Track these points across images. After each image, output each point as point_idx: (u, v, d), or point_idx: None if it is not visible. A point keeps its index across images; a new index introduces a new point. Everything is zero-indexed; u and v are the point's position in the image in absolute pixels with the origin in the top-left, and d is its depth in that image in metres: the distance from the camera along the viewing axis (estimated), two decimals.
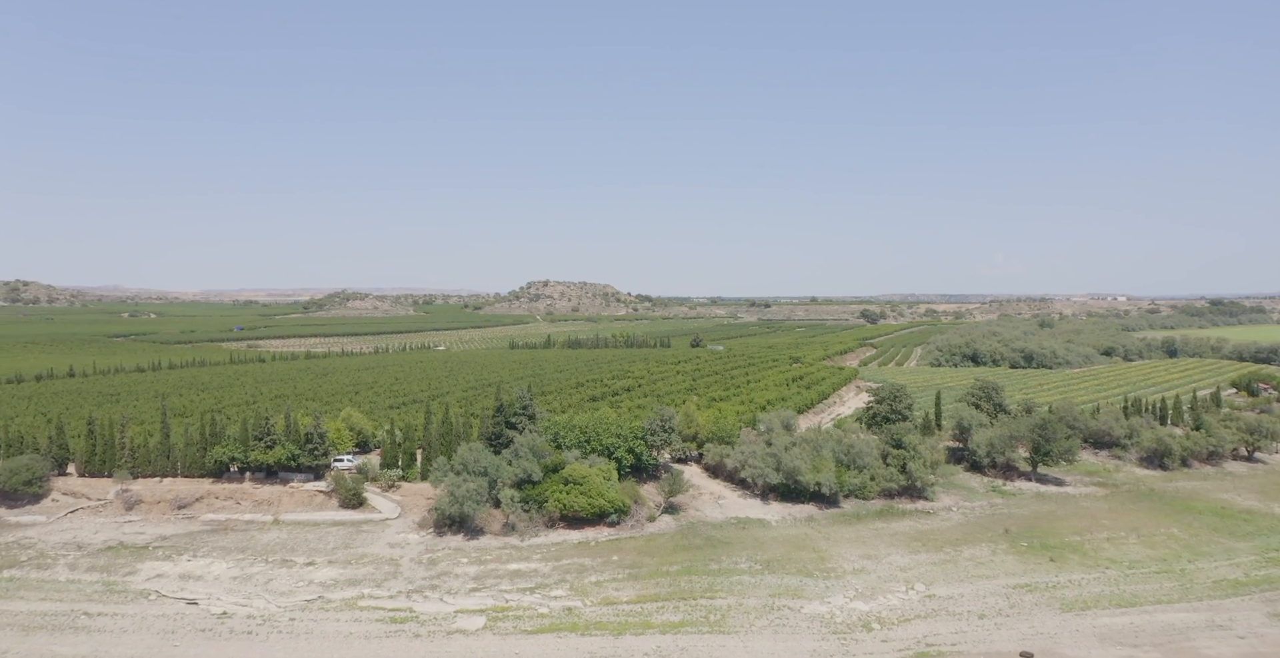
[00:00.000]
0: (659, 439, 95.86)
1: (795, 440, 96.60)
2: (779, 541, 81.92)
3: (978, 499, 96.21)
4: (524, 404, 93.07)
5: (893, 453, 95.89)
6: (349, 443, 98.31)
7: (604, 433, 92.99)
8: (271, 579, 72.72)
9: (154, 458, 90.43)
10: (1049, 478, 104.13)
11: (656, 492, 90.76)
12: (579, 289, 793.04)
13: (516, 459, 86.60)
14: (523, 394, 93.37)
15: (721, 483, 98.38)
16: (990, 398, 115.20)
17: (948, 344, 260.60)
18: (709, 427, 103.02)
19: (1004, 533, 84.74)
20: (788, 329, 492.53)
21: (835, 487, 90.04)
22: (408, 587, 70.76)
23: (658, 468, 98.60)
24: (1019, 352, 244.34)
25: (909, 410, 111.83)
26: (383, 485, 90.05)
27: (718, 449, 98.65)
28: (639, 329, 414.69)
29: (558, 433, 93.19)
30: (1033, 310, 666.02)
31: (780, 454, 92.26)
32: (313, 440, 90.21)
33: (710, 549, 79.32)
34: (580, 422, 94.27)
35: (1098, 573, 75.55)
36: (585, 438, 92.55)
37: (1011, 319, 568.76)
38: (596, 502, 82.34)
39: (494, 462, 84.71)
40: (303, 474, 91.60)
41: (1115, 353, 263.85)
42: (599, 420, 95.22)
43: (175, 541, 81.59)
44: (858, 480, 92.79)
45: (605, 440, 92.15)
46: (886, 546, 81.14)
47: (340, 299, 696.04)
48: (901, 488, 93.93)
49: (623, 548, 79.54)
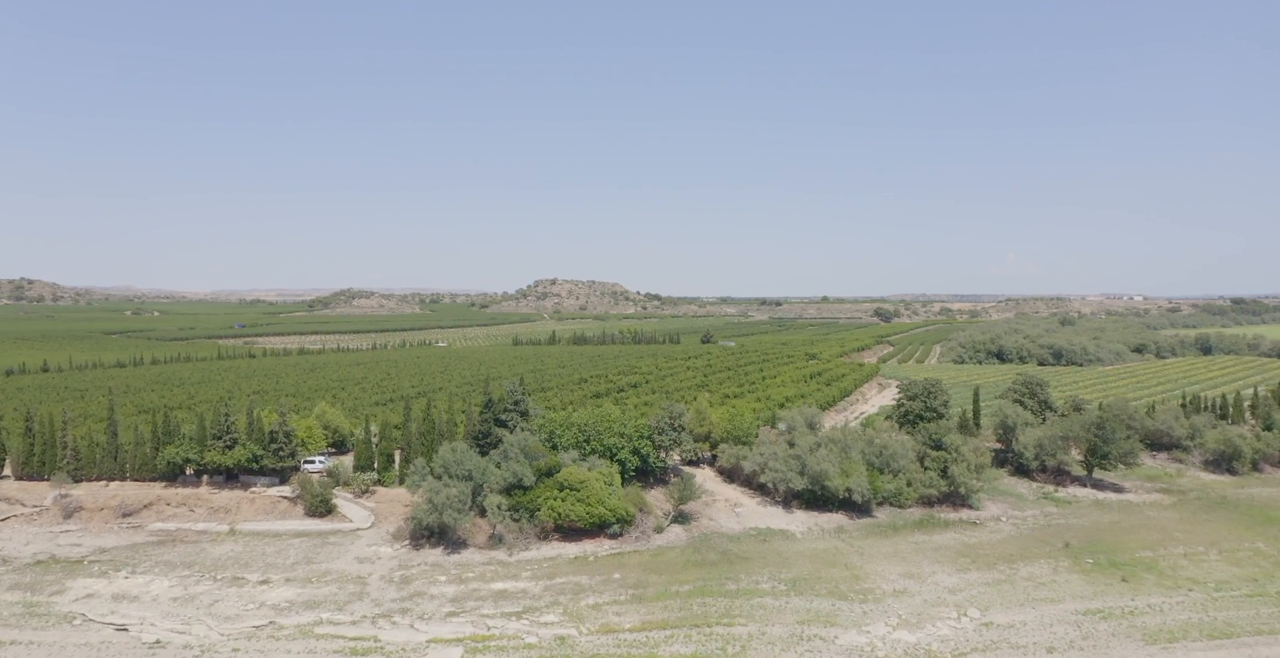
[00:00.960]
0: (667, 439, 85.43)
1: (821, 441, 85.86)
2: (806, 555, 71.26)
3: (1028, 508, 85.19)
4: (515, 399, 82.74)
5: (931, 455, 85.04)
6: (322, 443, 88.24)
7: (606, 432, 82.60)
8: (218, 601, 62.60)
9: (100, 459, 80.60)
10: (1106, 484, 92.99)
11: (665, 498, 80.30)
12: (587, 288, 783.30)
13: (505, 461, 76.35)
14: (514, 388, 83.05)
15: (738, 488, 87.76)
16: (1034, 394, 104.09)
17: (971, 341, 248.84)
18: (723, 425, 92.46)
19: (1064, 547, 73.79)
20: (800, 328, 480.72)
21: (868, 493, 79.30)
22: (374, 611, 60.51)
23: (666, 472, 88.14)
24: (1047, 348, 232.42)
25: (945, 408, 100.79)
26: (355, 491, 79.91)
27: (733, 451, 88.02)
28: (647, 327, 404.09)
29: (553, 432, 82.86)
30: (1050, 309, 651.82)
31: (805, 456, 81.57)
32: (277, 440, 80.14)
33: (727, 566, 68.77)
34: (579, 419, 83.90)
35: (1180, 596, 64.50)
36: (584, 437, 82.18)
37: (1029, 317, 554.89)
38: (596, 510, 71.95)
39: (479, 464, 74.48)
40: (267, 478, 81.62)
41: (1147, 350, 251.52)
42: (600, 418, 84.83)
43: (116, 554, 71.63)
44: (893, 486, 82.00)
45: (607, 440, 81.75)
46: (930, 562, 70.32)
47: (346, 297, 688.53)
48: (942, 495, 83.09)
49: (626, 564, 69.08)
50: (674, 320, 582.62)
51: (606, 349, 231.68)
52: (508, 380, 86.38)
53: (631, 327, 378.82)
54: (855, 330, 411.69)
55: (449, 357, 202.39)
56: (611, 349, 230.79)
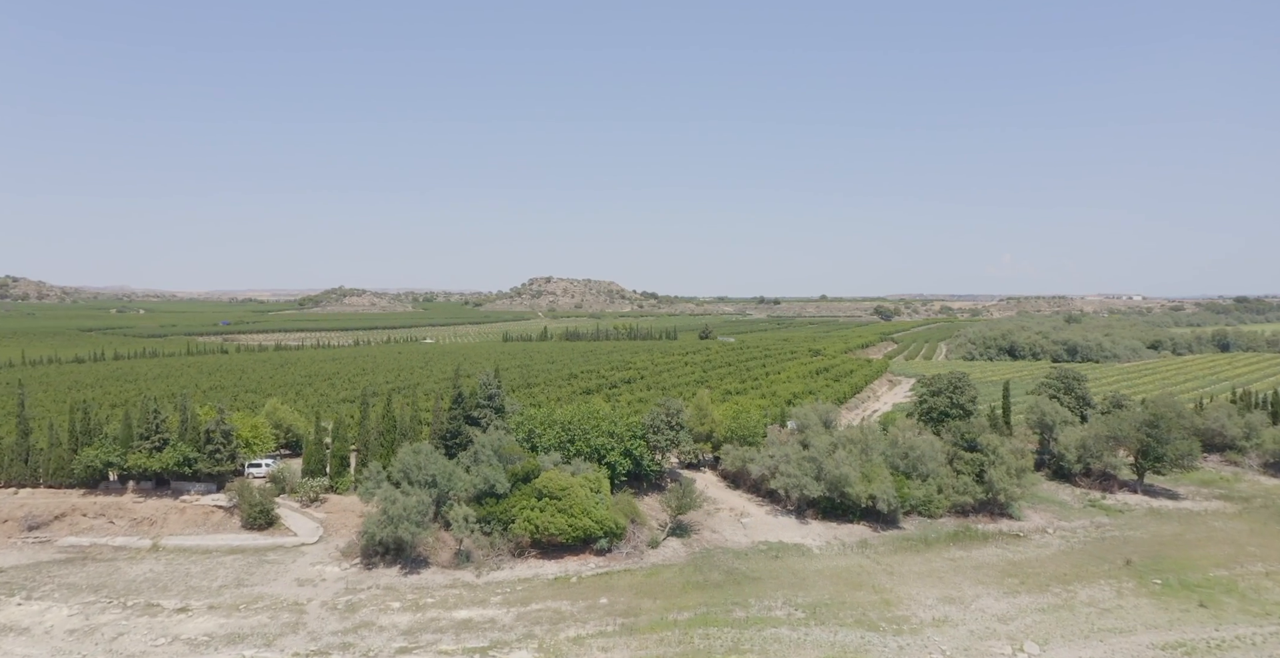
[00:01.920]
0: (663, 439, 75.01)
1: (839, 440, 75.39)
2: (826, 575, 60.80)
3: (1075, 517, 74.84)
4: (489, 393, 72.16)
5: (964, 458, 74.66)
6: (271, 444, 77.63)
7: (593, 431, 72.13)
8: (122, 634, 51.97)
9: (8, 463, 69.85)
10: (1158, 490, 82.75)
11: (660, 507, 69.83)
12: (583, 286, 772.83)
13: (475, 465, 65.88)
14: (488, 380, 72.48)
15: (744, 495, 77.33)
16: (1071, 390, 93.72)
17: (981, 337, 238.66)
18: (726, 424, 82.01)
19: (1125, 565, 63.43)
20: (799, 326, 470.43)
21: (895, 501, 68.88)
22: (309, 646, 49.96)
23: (662, 476, 77.69)
24: (1061, 344, 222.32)
25: (973, 404, 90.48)
26: (303, 499, 69.28)
27: (739, 452, 77.52)
28: (643, 324, 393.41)
29: (532, 430, 72.36)
30: (1052, 307, 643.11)
31: (821, 459, 71.14)
32: (214, 440, 69.49)
33: (733, 588, 58.32)
34: (563, 416, 73.37)
35: (1273, 625, 54.25)
36: (568, 437, 71.68)
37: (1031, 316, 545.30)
38: (580, 522, 61.46)
39: (445, 468, 63.95)
40: (204, 484, 71.01)
41: (1163, 346, 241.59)
42: (587, 415, 74.35)
43: (13, 575, 60.88)
44: (922, 493, 71.61)
45: (594, 440, 71.26)
46: (972, 583, 59.90)
47: (337, 296, 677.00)
48: (978, 503, 72.73)
49: (615, 586, 58.56)
50: (671, 319, 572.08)
51: (600, 345, 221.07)
52: (482, 373, 75.87)
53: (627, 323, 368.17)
54: (857, 328, 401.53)
55: (431, 353, 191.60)
56: (605, 345, 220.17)
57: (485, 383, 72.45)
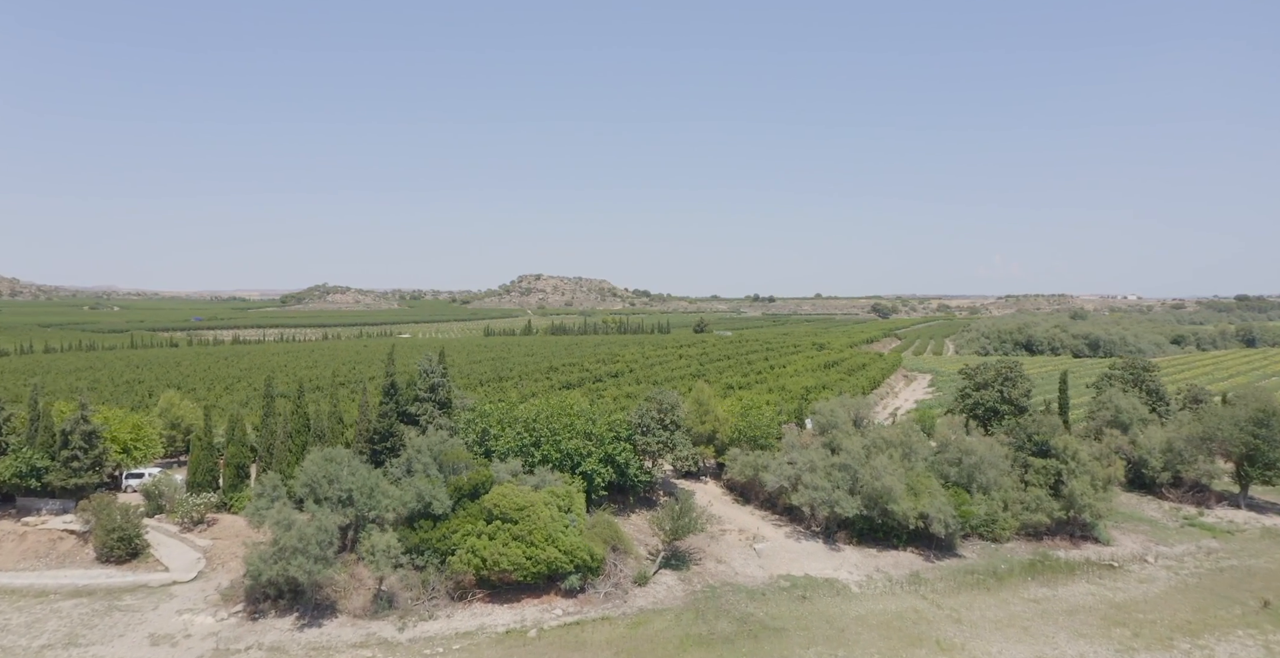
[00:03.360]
0: (655, 441, 59.41)
1: (875, 443, 59.89)
2: (872, 624, 45.28)
3: (1175, 541, 59.46)
4: (432, 383, 56.27)
5: (1035, 466, 59.28)
6: (159, 448, 61.64)
7: (564, 431, 56.46)
8: None
9: None
10: (1264, 504, 67.56)
11: (651, 529, 54.24)
12: (573, 284, 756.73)
13: (408, 477, 50.18)
14: (429, 366, 56.60)
15: (756, 512, 61.74)
16: (1141, 382, 78.49)
17: (995, 331, 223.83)
18: (733, 423, 66.45)
19: (1263, 607, 48.16)
20: (795, 323, 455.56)
21: (953, 522, 53.42)
22: None
23: (652, 488, 62.06)
24: (1081, 338, 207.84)
25: (1026, 399, 75.37)
26: (184, 521, 53.28)
27: (749, 458, 61.86)
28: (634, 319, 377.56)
29: (486, 431, 56.63)
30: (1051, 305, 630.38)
31: (856, 467, 55.64)
32: (71, 443, 53.47)
33: (749, 643, 42.81)
34: (526, 413, 57.58)
35: None
36: (532, 440, 55.95)
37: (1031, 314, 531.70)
38: (543, 553, 45.81)
39: (366, 481, 48.17)
40: (62, 501, 54.96)
41: (1186, 342, 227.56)
42: (558, 410, 58.62)
43: None
44: (985, 511, 56.18)
45: (566, 444, 55.55)
46: (1069, 635, 44.46)
47: (320, 293, 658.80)
48: (1055, 522, 57.36)
49: (588, 642, 42.94)
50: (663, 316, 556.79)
51: (586, 339, 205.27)
52: (424, 356, 59.91)
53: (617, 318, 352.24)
54: (856, 325, 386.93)
55: (401, 346, 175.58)
56: (592, 339, 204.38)
57: (426, 369, 56.55)
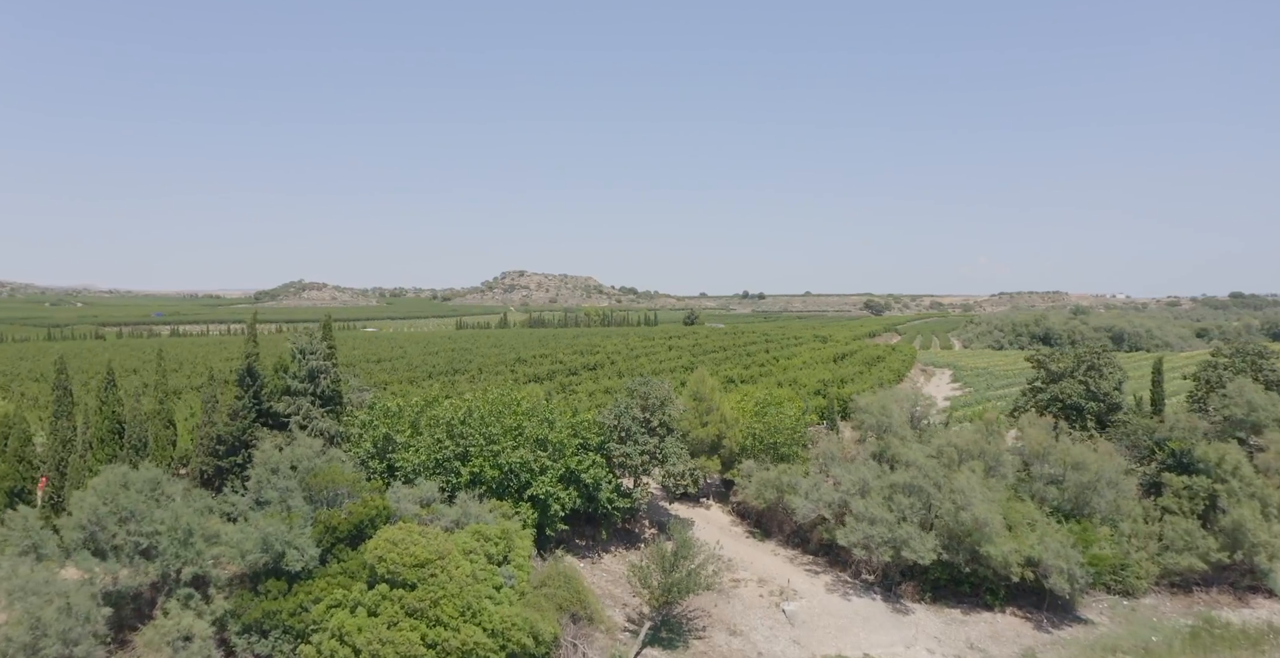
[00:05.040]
0: (638, 452, 41.67)
1: (943, 452, 42.46)
2: None
3: None
4: (310, 370, 38.33)
5: (1173, 485, 42.17)
6: None
7: (507, 437, 38.67)
8: None
9: None
10: None
11: (633, 584, 36.44)
12: (558, 281, 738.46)
13: (256, 511, 32.42)
14: (307, 346, 38.67)
15: (780, 550, 44.13)
16: (1260, 370, 61.76)
17: (1010, 323, 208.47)
18: (745, 424, 48.85)
19: None
20: (787, 320, 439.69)
21: (1080, 572, 36.08)
22: None
23: (634, 517, 44.35)
24: (1104, 331, 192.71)
25: (1119, 393, 58.53)
26: None
27: (769, 476, 44.16)
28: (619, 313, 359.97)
29: (388, 438, 38.69)
30: (1046, 303, 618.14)
31: (930, 488, 38.26)
32: None
33: None
34: (448, 412, 39.54)
35: None
36: (458, 451, 38.03)
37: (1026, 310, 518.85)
38: (455, 640, 28.13)
39: (179, 520, 30.27)
40: None
41: (1211, 336, 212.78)
42: (499, 408, 40.71)
43: None
44: (1112, 556, 38.88)
45: (509, 456, 37.69)
46: None
47: (295, 289, 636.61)
48: (1212, 567, 40.16)
49: None
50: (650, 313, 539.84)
51: (566, 331, 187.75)
52: (302, 330, 42.07)
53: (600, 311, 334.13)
54: (849, 322, 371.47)
55: (355, 340, 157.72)
56: (572, 331, 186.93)
57: (302, 349, 38.62)
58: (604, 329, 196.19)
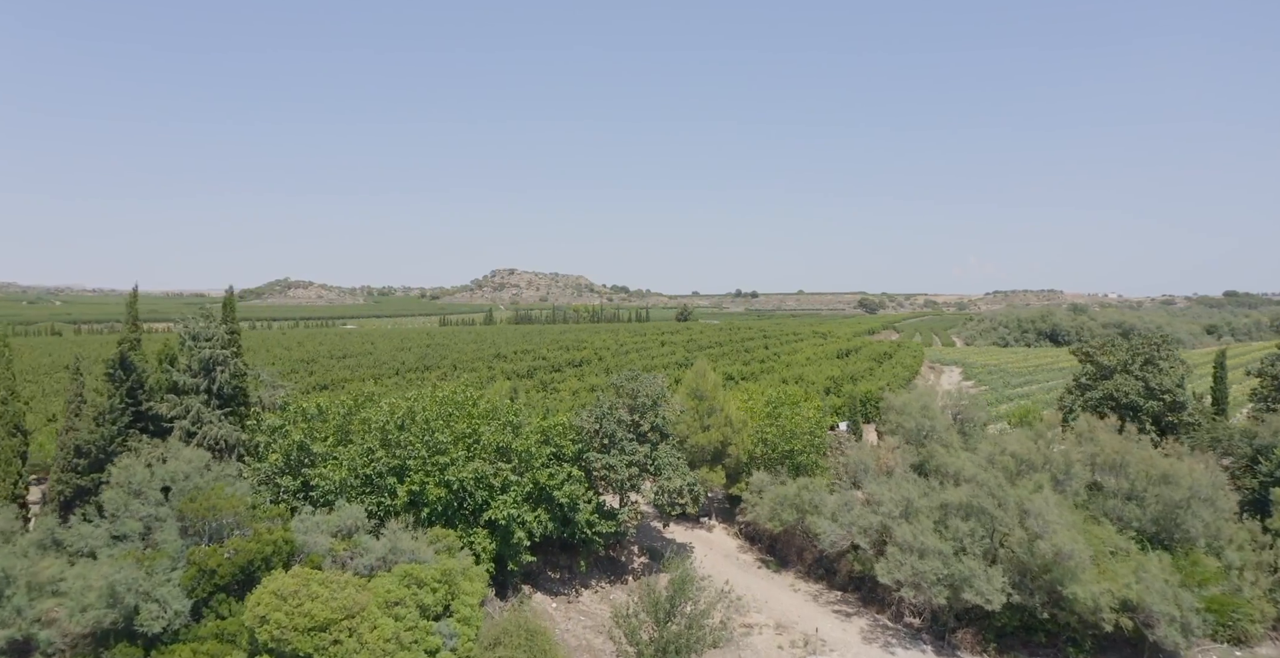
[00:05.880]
0: (625, 463, 33.49)
1: (994, 461, 34.44)
2: None
3: None
4: (205, 361, 30.02)
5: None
6: None
7: (457, 447, 30.43)
8: None
9: None
10: None
11: (615, 637, 28.16)
12: (549, 279, 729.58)
13: (111, 547, 23.98)
14: (201, 331, 30.39)
15: (801, 584, 35.98)
16: None
17: (1015, 320, 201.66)
18: (755, 427, 40.77)
19: None
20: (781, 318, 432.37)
21: (1196, 621, 28.07)
22: None
23: (620, 543, 36.15)
24: (1114, 327, 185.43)
25: (1182, 390, 50.82)
26: None
27: (787, 492, 36.03)
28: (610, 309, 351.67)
29: (301, 448, 30.27)
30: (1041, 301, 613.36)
31: (996, 510, 30.21)
32: None
33: None
34: (381, 415, 31.15)
35: None
36: (392, 466, 29.67)
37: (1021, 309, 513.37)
38: None
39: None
40: None
41: (1220, 332, 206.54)
42: (448, 408, 32.41)
43: None
44: (1224, 592, 30.93)
45: (459, 471, 29.41)
46: None
47: (280, 288, 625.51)
48: None
49: None
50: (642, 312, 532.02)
51: (553, 328, 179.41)
52: (195, 313, 33.77)
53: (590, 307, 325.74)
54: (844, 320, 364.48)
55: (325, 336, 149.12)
56: (559, 327, 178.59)
57: (193, 336, 30.35)
58: (593, 325, 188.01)
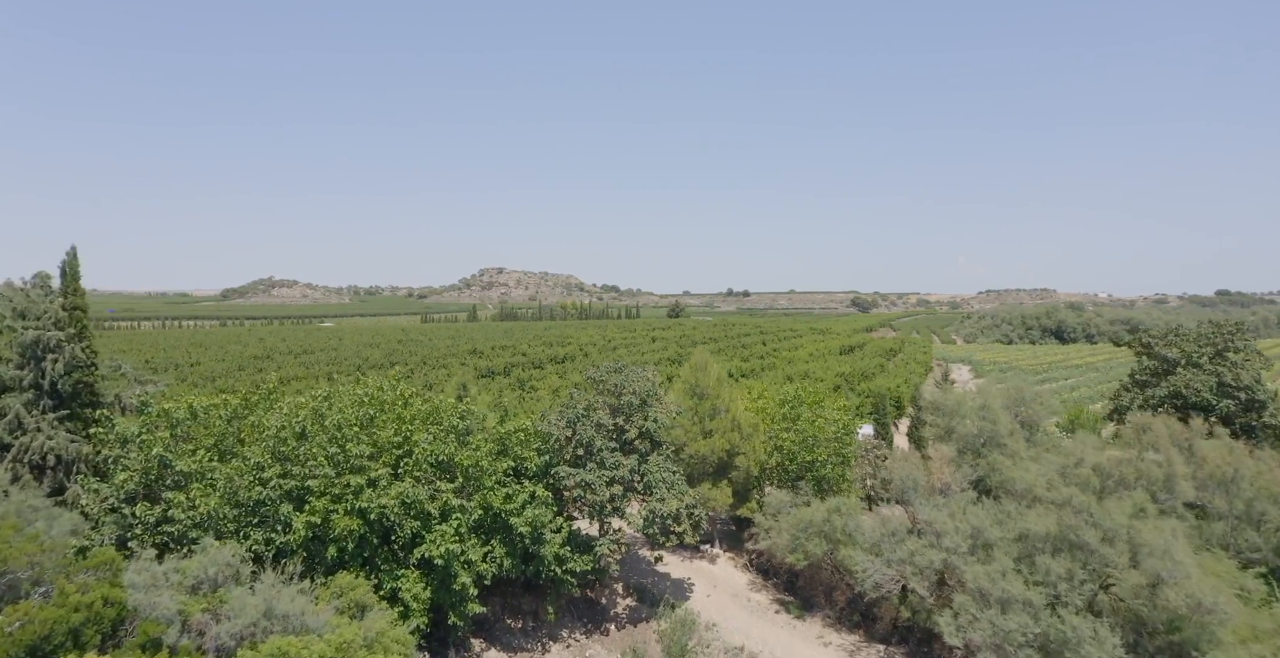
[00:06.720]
0: (604, 480, 25.75)
1: (1070, 476, 26.92)
2: None
3: None
4: (31, 347, 22.14)
5: None
6: None
7: (381, 461, 22.60)
8: None
9: None
10: None
11: None
12: (538, 278, 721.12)
13: None
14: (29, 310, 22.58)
15: (834, 634, 28.32)
16: None
17: (1020, 317, 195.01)
18: (766, 432, 33.08)
19: None
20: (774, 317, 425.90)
21: None
22: None
23: (599, 583, 28.40)
24: (1121, 324, 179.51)
25: (1260, 385, 43.87)
26: None
27: (812, 515, 28.42)
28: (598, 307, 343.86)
29: (162, 464, 22.30)
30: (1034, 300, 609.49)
31: (1099, 544, 22.60)
32: None
33: None
34: (282, 420, 23.27)
35: None
36: (289, 488, 21.78)
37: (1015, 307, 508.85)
38: None
39: None
40: None
41: None
42: (367, 409, 24.55)
43: None
44: None
45: (383, 496, 21.60)
46: None
47: (264, 287, 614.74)
48: None
49: None
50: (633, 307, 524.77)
51: (537, 324, 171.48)
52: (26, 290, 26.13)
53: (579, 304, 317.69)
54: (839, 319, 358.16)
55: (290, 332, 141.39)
56: (544, 324, 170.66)
57: (20, 313, 22.50)
58: (580, 322, 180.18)
